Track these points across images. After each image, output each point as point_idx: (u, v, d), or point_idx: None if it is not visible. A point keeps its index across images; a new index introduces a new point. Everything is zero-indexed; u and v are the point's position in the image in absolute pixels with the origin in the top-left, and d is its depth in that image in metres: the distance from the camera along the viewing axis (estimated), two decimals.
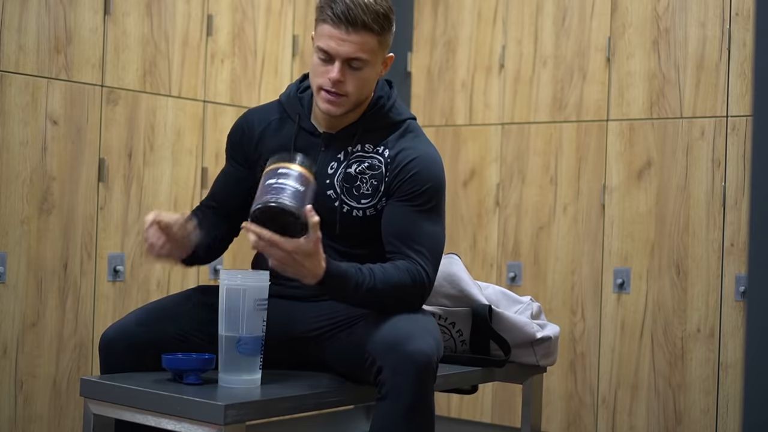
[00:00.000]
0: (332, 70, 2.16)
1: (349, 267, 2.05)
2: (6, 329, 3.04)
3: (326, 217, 2.22)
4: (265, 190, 1.96)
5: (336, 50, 2.14)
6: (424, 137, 2.30)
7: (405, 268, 2.10)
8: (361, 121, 2.25)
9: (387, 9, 2.18)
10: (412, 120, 2.32)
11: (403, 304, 2.10)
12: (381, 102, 2.27)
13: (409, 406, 1.96)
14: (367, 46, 2.15)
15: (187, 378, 2.03)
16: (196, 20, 3.57)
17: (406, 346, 1.97)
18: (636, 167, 3.64)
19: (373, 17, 2.14)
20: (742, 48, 3.44)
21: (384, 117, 2.26)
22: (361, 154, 2.23)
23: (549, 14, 3.91)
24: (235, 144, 2.34)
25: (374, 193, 2.22)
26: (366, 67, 2.17)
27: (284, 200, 1.93)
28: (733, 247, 3.41)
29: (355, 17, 2.12)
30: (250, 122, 2.33)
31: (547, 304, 3.79)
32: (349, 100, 2.19)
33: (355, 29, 2.13)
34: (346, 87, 2.17)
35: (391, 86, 2.34)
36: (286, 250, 1.93)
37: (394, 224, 2.17)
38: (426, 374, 1.97)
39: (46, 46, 3.14)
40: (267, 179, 1.98)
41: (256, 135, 2.30)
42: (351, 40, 2.13)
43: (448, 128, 4.15)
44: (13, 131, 3.06)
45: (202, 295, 2.27)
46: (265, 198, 1.94)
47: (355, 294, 2.06)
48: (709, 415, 3.43)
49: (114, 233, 3.32)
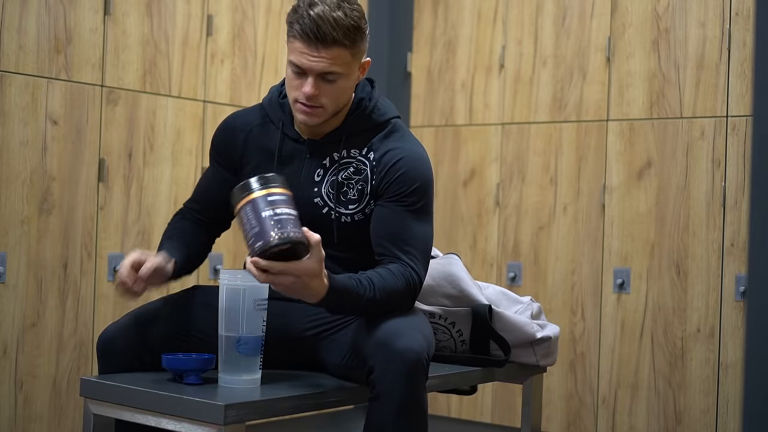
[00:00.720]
0: (305, 84, 2.14)
1: (348, 280, 2.03)
2: (6, 329, 3.04)
3: (315, 224, 2.22)
4: (265, 224, 1.91)
5: (308, 66, 2.12)
6: (409, 136, 2.28)
7: (399, 273, 2.10)
8: (344, 126, 2.23)
9: (357, 20, 2.12)
10: (397, 119, 2.29)
11: (396, 307, 2.10)
12: (363, 104, 2.25)
13: (401, 404, 1.95)
14: (340, 60, 2.12)
15: (187, 378, 2.03)
16: (196, 20, 3.57)
17: (395, 344, 1.97)
18: (636, 167, 3.64)
19: (343, 32, 2.09)
20: (742, 48, 3.44)
21: (367, 119, 2.25)
22: (347, 159, 2.22)
23: (549, 14, 3.91)
24: (219, 149, 2.33)
25: (360, 197, 2.21)
26: (340, 78, 2.14)
27: (292, 233, 1.90)
28: (733, 247, 3.41)
29: (325, 34, 2.08)
30: (232, 127, 2.32)
31: (547, 304, 3.79)
32: (325, 111, 2.18)
33: (326, 45, 2.09)
34: (321, 99, 2.15)
35: (372, 85, 2.31)
36: (295, 275, 1.92)
37: (383, 226, 2.16)
38: (416, 371, 1.96)
39: (46, 46, 3.14)
40: (261, 210, 1.92)
41: (240, 141, 2.29)
42: (322, 56, 2.10)
43: (448, 128, 4.15)
44: (13, 131, 3.06)
45: (200, 295, 2.27)
46: (273, 234, 1.89)
47: (355, 306, 2.05)
48: (709, 415, 3.43)
49: (114, 233, 3.32)
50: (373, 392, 1.98)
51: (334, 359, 2.18)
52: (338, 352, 2.17)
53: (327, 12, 2.08)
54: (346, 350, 2.14)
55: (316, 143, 2.24)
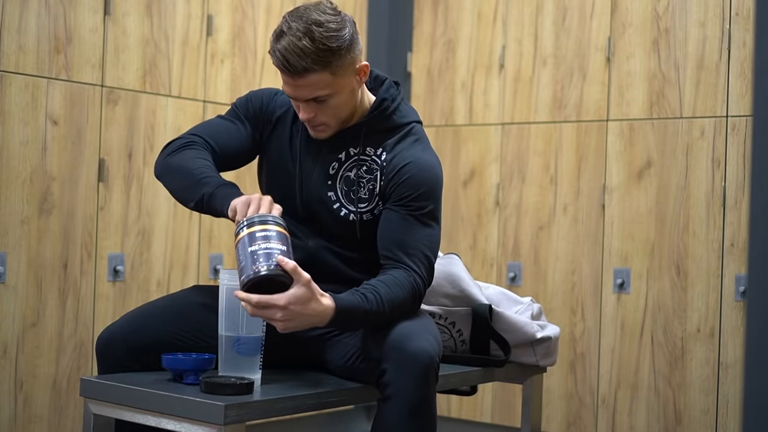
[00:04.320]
0: (300, 109, 2.15)
1: (353, 297, 2.02)
2: (6, 329, 3.04)
3: (326, 219, 2.23)
4: (248, 258, 1.92)
5: (293, 95, 2.13)
6: (424, 142, 2.27)
7: (404, 281, 2.09)
8: (363, 123, 2.24)
9: (327, 41, 2.06)
10: (417, 123, 2.29)
11: (402, 315, 2.10)
12: (384, 105, 2.25)
13: (413, 405, 1.96)
14: (321, 84, 2.10)
15: (187, 378, 2.03)
16: (196, 20, 3.57)
17: (409, 347, 1.98)
18: (636, 167, 3.64)
19: (312, 59, 2.06)
20: (742, 48, 3.44)
21: (386, 120, 2.25)
22: (362, 157, 2.23)
23: (549, 14, 3.91)
24: (256, 109, 2.29)
25: (371, 197, 2.21)
26: (331, 98, 2.13)
27: (264, 267, 1.91)
28: (733, 247, 3.41)
29: (295, 66, 2.06)
30: (273, 101, 2.31)
31: (547, 304, 3.79)
32: (329, 126, 2.19)
33: (300, 75, 2.07)
34: (320, 119, 2.16)
35: (398, 87, 2.31)
36: (280, 306, 1.90)
37: (390, 230, 2.16)
38: (429, 373, 1.98)
39: (46, 46, 3.14)
40: (248, 245, 1.94)
41: (275, 118, 2.29)
42: (301, 84, 2.09)
43: (448, 128, 4.15)
44: (13, 131, 3.06)
45: (200, 295, 2.26)
46: (254, 267, 1.91)
47: (364, 321, 2.05)
48: (709, 415, 3.43)
49: (114, 233, 3.32)
50: (385, 393, 1.98)
51: (338, 360, 2.18)
52: (342, 353, 2.17)
53: (292, 43, 2.05)
54: (351, 351, 2.15)
55: (336, 136, 2.23)
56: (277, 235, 1.95)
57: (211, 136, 2.26)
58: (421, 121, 2.32)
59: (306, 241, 2.24)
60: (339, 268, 2.25)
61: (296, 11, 2.11)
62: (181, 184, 2.17)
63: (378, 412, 2.00)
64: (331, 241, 2.24)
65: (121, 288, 3.33)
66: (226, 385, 1.93)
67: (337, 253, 2.24)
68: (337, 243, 2.23)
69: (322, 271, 2.19)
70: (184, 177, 2.15)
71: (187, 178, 2.15)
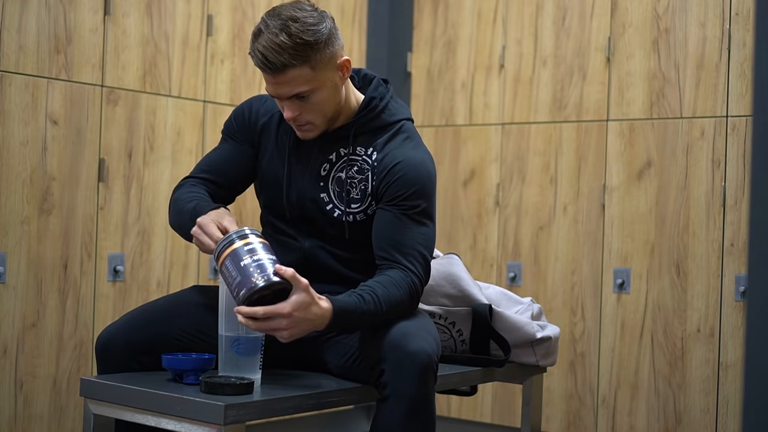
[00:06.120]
0: (284, 108, 2.15)
1: (351, 299, 2.02)
2: (6, 329, 3.04)
3: (319, 220, 2.22)
4: (245, 273, 1.93)
5: (275, 93, 2.13)
6: (416, 139, 2.26)
7: (401, 282, 2.09)
8: (353, 123, 2.23)
9: (304, 35, 2.07)
10: (407, 121, 2.28)
11: (400, 315, 2.11)
12: (373, 103, 2.24)
13: (412, 405, 1.96)
14: (301, 79, 2.10)
15: (187, 378, 2.03)
16: (196, 20, 3.57)
17: (408, 346, 1.98)
18: (636, 167, 3.64)
19: (290, 54, 2.06)
20: (742, 48, 3.44)
21: (376, 118, 2.24)
22: (353, 157, 2.22)
23: (549, 14, 3.91)
24: (241, 125, 2.31)
25: (363, 197, 2.21)
26: (313, 94, 2.13)
27: (268, 277, 1.92)
28: (733, 247, 3.41)
29: (274, 62, 2.06)
30: (255, 111, 2.32)
31: (547, 305, 3.79)
32: (315, 125, 2.19)
33: (280, 72, 2.08)
34: (305, 117, 2.16)
35: (387, 85, 2.30)
36: (285, 313, 1.91)
37: (384, 230, 2.16)
38: (428, 373, 1.98)
39: (46, 46, 3.14)
40: (239, 260, 1.94)
41: (259, 126, 2.30)
42: (281, 81, 2.09)
43: (448, 128, 4.15)
44: (13, 131, 3.06)
45: (200, 295, 2.26)
46: (254, 279, 1.92)
47: (362, 322, 2.05)
48: (709, 415, 3.43)
49: (114, 233, 3.32)
50: (383, 393, 1.98)
51: (338, 360, 2.18)
52: (342, 353, 2.17)
53: (270, 41, 2.06)
54: (350, 351, 2.15)
55: (325, 137, 2.23)
56: (262, 246, 1.96)
57: (209, 171, 2.30)
58: (412, 118, 2.31)
59: (301, 242, 2.25)
60: (335, 267, 2.25)
61: (273, 10, 2.12)
62: (182, 231, 2.22)
63: (377, 412, 2.00)
64: (327, 241, 2.24)
65: (121, 288, 3.33)
66: (226, 385, 1.93)
67: (332, 253, 2.24)
68: (333, 243, 2.23)
69: (318, 272, 2.20)
70: (180, 218, 2.21)
71: (181, 218, 2.21)
